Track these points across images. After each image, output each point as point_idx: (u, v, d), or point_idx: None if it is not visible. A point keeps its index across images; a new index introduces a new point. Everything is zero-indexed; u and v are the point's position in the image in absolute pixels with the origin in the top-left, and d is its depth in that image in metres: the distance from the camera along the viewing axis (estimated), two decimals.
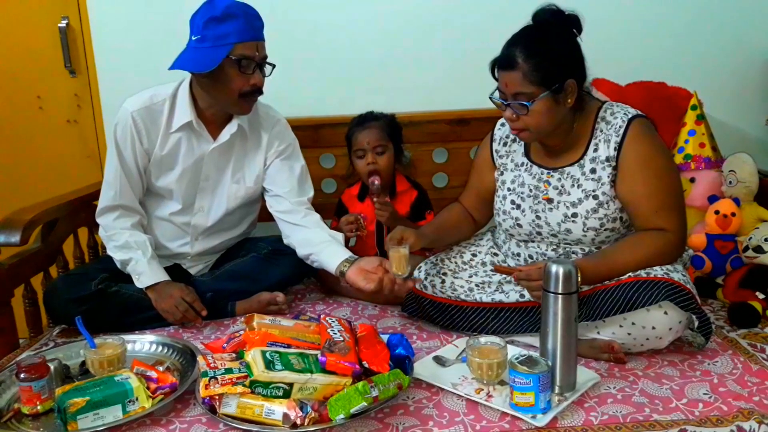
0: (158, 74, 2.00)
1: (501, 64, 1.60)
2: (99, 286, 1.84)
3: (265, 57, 1.84)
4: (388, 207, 2.01)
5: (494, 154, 1.86)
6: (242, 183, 2.00)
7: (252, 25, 1.79)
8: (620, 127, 1.63)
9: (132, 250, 1.88)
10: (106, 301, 1.83)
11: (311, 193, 2.05)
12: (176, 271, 2.03)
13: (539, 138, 1.68)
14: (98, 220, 1.96)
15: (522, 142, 1.79)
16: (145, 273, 1.86)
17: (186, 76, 1.91)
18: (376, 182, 2.04)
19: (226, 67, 1.77)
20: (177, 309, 1.83)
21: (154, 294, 1.86)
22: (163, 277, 1.88)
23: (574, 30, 1.61)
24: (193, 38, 1.79)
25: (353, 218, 2.04)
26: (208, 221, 2.01)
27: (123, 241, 1.89)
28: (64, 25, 2.54)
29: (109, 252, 1.92)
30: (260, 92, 1.86)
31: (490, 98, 1.66)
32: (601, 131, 1.66)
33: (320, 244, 1.87)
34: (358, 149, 2.08)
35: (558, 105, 1.59)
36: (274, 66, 1.86)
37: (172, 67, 1.80)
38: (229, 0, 1.77)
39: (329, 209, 2.28)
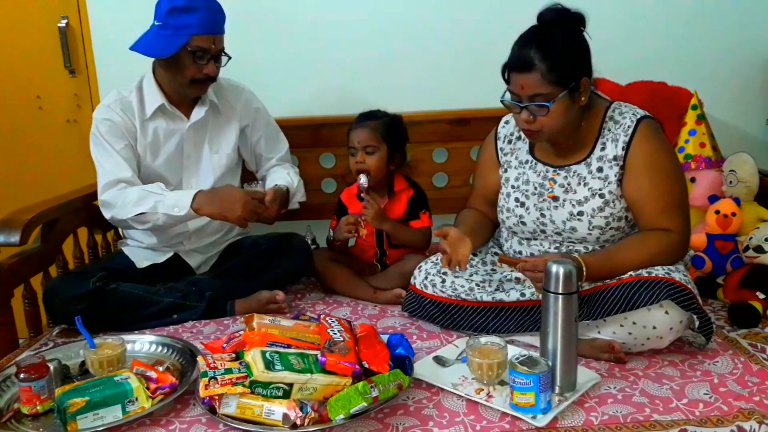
0: None
1: (516, 67, 1.57)
2: (97, 284, 1.83)
3: (222, 49, 1.94)
4: (373, 206, 2.02)
5: (499, 152, 1.85)
6: (221, 152, 2.08)
7: (212, 19, 1.89)
8: (629, 127, 1.63)
9: (151, 195, 1.87)
10: (105, 299, 1.83)
11: (284, 149, 2.22)
12: (177, 266, 2.03)
13: (552, 138, 1.67)
14: (102, 198, 1.92)
15: (527, 140, 1.79)
16: (178, 199, 1.86)
17: (147, 71, 2.01)
18: (362, 180, 2.05)
19: (182, 55, 1.88)
20: (244, 214, 1.83)
21: (207, 207, 1.84)
22: (193, 191, 1.87)
23: (580, 26, 1.61)
24: (156, 23, 1.89)
25: (353, 219, 2.04)
26: None
27: (135, 195, 1.88)
28: (64, 24, 2.54)
29: (130, 218, 1.88)
30: (213, 80, 1.97)
31: (502, 101, 1.64)
32: (609, 130, 1.66)
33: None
34: (351, 147, 2.09)
35: (573, 104, 1.60)
36: (230, 57, 1.96)
37: (133, 48, 1.90)
38: None
39: (329, 209, 2.28)
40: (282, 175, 2.12)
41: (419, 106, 2.45)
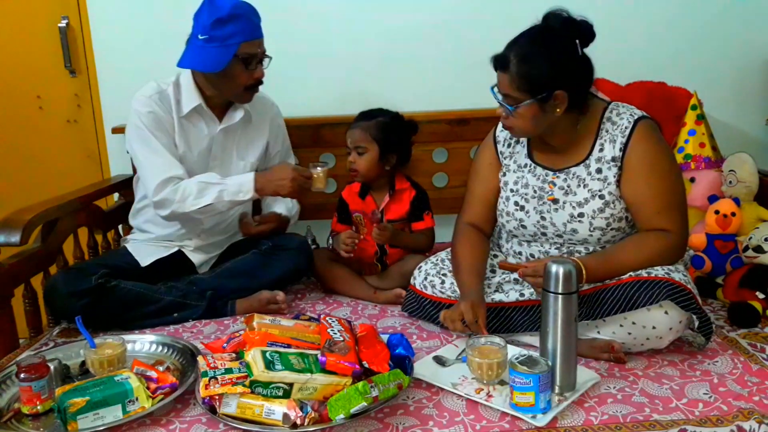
0: (158, 74, 2.01)
1: (495, 63, 1.61)
2: (98, 281, 1.83)
3: (265, 51, 1.97)
4: (386, 231, 2.03)
5: (500, 155, 1.84)
6: (247, 160, 2.10)
7: (254, 23, 1.92)
8: (626, 128, 1.63)
9: (211, 185, 1.91)
10: (106, 295, 1.83)
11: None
12: (178, 264, 2.04)
13: (529, 137, 1.71)
14: (157, 198, 1.90)
15: (525, 144, 1.79)
16: (240, 184, 1.91)
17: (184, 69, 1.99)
18: (377, 214, 2.10)
19: (233, 64, 1.89)
20: (294, 189, 1.91)
21: (267, 187, 1.92)
22: (249, 175, 1.94)
23: (582, 39, 1.58)
24: (200, 37, 1.87)
25: (350, 240, 2.05)
26: None
27: (195, 188, 1.90)
28: (64, 24, 2.54)
29: (193, 211, 1.90)
30: (262, 83, 1.99)
31: (491, 89, 1.65)
32: (607, 131, 1.66)
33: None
34: (347, 146, 2.10)
35: (545, 113, 1.59)
36: (271, 58, 1.98)
37: (182, 65, 1.91)
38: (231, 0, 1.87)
39: (329, 209, 2.28)
40: (281, 203, 2.17)
41: (419, 106, 2.45)
